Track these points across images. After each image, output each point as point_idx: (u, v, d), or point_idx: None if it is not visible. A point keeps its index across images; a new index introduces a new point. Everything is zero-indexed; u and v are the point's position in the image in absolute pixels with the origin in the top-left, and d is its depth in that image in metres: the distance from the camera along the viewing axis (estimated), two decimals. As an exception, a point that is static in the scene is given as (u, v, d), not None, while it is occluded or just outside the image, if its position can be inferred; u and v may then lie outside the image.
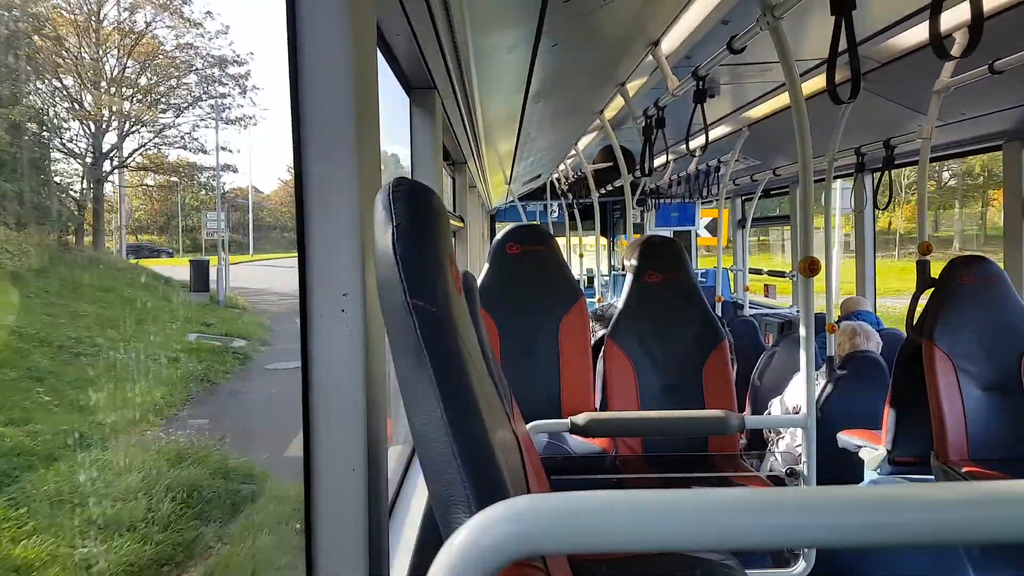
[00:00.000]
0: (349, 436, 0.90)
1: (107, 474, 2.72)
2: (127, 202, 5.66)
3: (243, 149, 11.40)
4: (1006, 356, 2.61)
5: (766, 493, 0.49)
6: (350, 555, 0.91)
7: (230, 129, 6.17)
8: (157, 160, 5.83)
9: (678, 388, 2.95)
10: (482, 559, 0.47)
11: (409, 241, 0.71)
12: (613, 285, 8.60)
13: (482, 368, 0.94)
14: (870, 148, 3.81)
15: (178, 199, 6.35)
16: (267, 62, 7.00)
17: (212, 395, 4.05)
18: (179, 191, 6.27)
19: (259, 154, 14.60)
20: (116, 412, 3.11)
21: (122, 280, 4.58)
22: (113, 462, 2.81)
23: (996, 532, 0.48)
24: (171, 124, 5.63)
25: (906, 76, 2.87)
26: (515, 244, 3.31)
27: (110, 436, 2.98)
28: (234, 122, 6.17)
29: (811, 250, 2.10)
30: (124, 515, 2.61)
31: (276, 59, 7.26)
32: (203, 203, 6.37)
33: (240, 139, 10.20)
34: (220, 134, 6.00)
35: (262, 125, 7.18)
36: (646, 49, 2.74)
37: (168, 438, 3.30)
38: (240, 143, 10.11)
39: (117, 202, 5.19)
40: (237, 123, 6.20)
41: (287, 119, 0.89)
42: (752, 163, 5.61)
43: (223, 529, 2.96)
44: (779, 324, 5.49)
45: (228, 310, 5.32)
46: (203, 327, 4.79)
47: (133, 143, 5.29)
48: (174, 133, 5.66)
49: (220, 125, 6.01)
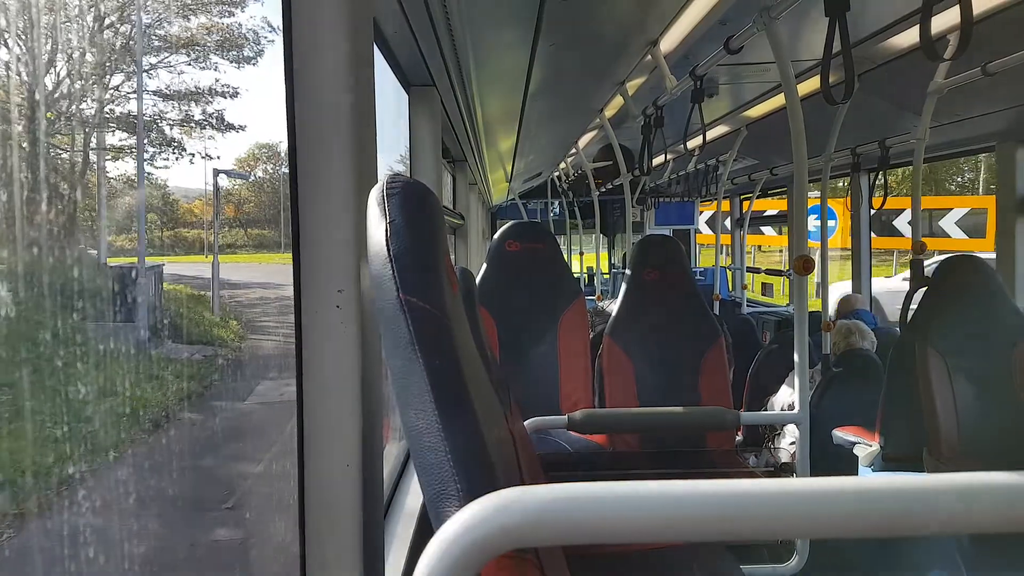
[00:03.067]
0: (344, 432, 0.90)
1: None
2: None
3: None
4: (998, 353, 2.62)
5: (759, 484, 0.49)
6: (345, 552, 0.90)
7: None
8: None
9: (675, 385, 2.96)
10: (471, 550, 0.47)
11: (402, 238, 0.72)
12: (613, 283, 8.60)
13: (477, 365, 0.95)
14: (866, 148, 3.82)
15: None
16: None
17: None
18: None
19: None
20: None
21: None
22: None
23: (986, 522, 0.49)
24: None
25: (901, 77, 2.88)
26: (514, 241, 3.32)
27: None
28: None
29: (805, 249, 2.11)
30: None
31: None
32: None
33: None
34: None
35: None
36: (645, 48, 2.75)
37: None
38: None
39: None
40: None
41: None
42: (750, 162, 5.62)
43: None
44: (776, 322, 5.51)
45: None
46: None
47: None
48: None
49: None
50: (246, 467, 4.22)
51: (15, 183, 3.21)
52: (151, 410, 3.80)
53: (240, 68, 5.79)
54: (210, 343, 5.11)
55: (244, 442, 4.58)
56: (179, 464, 3.69)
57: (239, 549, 3.59)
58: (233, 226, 8.55)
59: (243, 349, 5.44)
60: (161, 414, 3.86)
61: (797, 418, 2.19)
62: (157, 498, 3.51)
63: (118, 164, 4.90)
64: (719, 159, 5.36)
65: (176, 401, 4.08)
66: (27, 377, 3.03)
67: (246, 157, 11.35)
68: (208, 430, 4.29)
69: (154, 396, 3.96)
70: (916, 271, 2.90)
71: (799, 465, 2.21)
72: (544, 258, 3.32)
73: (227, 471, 4.20)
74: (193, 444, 4.02)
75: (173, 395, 4.09)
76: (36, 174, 3.57)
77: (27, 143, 3.58)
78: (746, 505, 0.48)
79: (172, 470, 3.65)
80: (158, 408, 3.88)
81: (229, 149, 5.84)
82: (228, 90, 5.82)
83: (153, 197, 5.64)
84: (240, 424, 4.77)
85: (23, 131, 3.60)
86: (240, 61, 5.85)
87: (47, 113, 3.90)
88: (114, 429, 3.39)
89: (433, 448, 0.67)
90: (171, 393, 4.08)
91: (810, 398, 2.21)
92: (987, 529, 0.49)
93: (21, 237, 3.20)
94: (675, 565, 1.80)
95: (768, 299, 7.17)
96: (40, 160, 3.65)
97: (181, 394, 4.15)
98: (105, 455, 3.25)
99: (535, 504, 0.48)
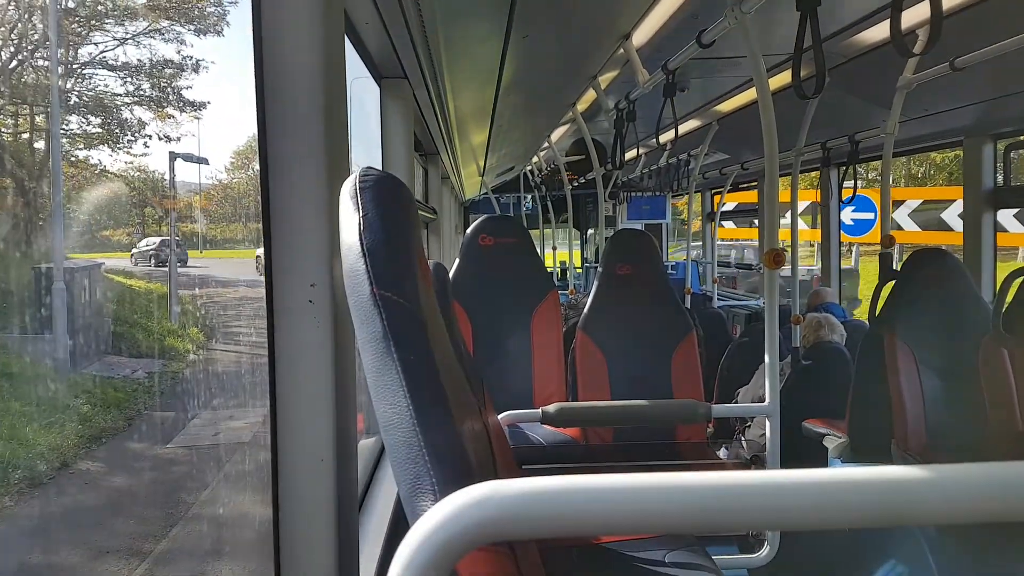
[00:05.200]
0: (317, 427, 0.90)
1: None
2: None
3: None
4: (964, 347, 2.68)
5: (730, 476, 0.49)
6: (319, 546, 0.90)
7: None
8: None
9: (647, 378, 2.99)
10: (447, 545, 0.47)
11: (375, 232, 0.71)
12: (586, 278, 8.64)
13: (451, 359, 0.94)
14: (836, 143, 3.87)
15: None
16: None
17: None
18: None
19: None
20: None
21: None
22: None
23: (952, 514, 0.50)
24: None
25: (871, 72, 2.93)
26: (487, 236, 3.31)
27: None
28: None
29: (776, 242, 2.13)
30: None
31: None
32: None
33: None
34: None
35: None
36: (617, 42, 2.75)
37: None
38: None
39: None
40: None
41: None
42: (721, 157, 5.67)
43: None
44: (746, 316, 5.58)
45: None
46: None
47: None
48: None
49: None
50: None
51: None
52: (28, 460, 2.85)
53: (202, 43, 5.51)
54: (159, 357, 4.23)
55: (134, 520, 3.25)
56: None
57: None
58: (222, 220, 8.27)
59: (196, 364, 4.56)
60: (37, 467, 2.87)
61: (767, 410, 2.22)
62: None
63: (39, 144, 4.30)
64: (691, 154, 5.40)
65: (72, 445, 3.12)
66: None
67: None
68: (96, 491, 3.18)
69: (41, 438, 3.00)
70: (884, 264, 2.96)
71: (769, 457, 2.24)
72: (517, 252, 3.32)
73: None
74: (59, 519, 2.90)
75: (71, 436, 3.13)
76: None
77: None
78: (717, 497, 0.49)
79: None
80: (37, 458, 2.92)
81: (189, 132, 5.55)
82: (187, 69, 5.55)
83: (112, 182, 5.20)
84: (145, 486, 3.52)
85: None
86: (203, 32, 5.57)
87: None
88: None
89: (407, 443, 0.66)
90: (68, 433, 3.13)
91: (780, 391, 2.24)
92: (953, 520, 0.50)
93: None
94: (647, 556, 1.81)
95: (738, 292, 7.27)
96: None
97: (83, 433, 3.20)
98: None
99: (510, 498, 0.48)
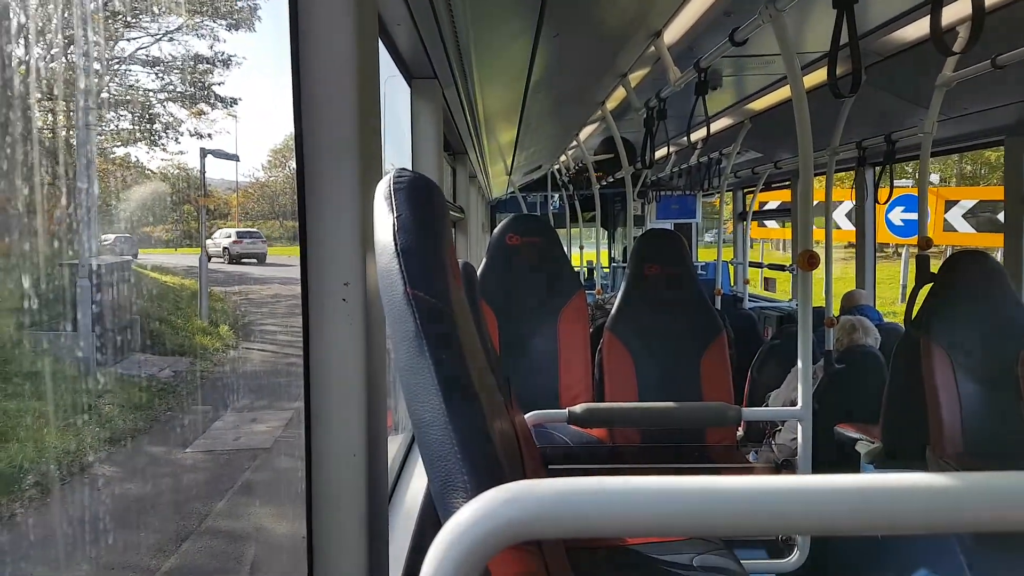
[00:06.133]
0: (349, 423, 0.91)
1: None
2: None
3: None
4: (1003, 352, 2.61)
5: (760, 480, 0.49)
6: (350, 538, 0.92)
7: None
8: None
9: (676, 380, 2.96)
10: (478, 543, 0.47)
11: (409, 233, 0.72)
12: (613, 277, 8.60)
13: (481, 358, 0.95)
14: (871, 142, 3.80)
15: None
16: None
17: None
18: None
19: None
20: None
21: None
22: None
23: (988, 522, 0.49)
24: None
25: (908, 70, 2.87)
26: (515, 235, 3.32)
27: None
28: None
29: (810, 244, 2.10)
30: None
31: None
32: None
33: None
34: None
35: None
36: (648, 40, 2.73)
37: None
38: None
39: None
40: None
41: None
42: (754, 155, 5.60)
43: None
44: (778, 318, 5.51)
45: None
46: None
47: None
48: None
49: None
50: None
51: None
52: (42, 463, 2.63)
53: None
54: (187, 354, 4.05)
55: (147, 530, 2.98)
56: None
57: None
58: (260, 217, 8.21)
59: (226, 363, 4.34)
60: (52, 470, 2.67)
61: (799, 414, 2.19)
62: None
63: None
64: (722, 152, 5.34)
65: (92, 445, 2.92)
66: None
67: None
68: (112, 496, 2.98)
69: (59, 441, 2.80)
70: (922, 267, 2.90)
71: (801, 461, 2.21)
72: (544, 252, 3.31)
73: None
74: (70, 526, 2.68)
75: (90, 438, 2.94)
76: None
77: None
78: (747, 500, 0.48)
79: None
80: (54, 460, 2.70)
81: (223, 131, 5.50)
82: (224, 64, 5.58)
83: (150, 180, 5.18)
84: (161, 492, 3.29)
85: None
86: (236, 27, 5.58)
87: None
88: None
89: (440, 441, 0.67)
90: (86, 435, 2.93)
91: (812, 394, 2.20)
92: (989, 529, 0.49)
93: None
94: (675, 559, 1.80)
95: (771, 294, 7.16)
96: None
97: (104, 435, 3.02)
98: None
99: (542, 498, 0.48)
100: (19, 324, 3.14)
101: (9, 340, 3.12)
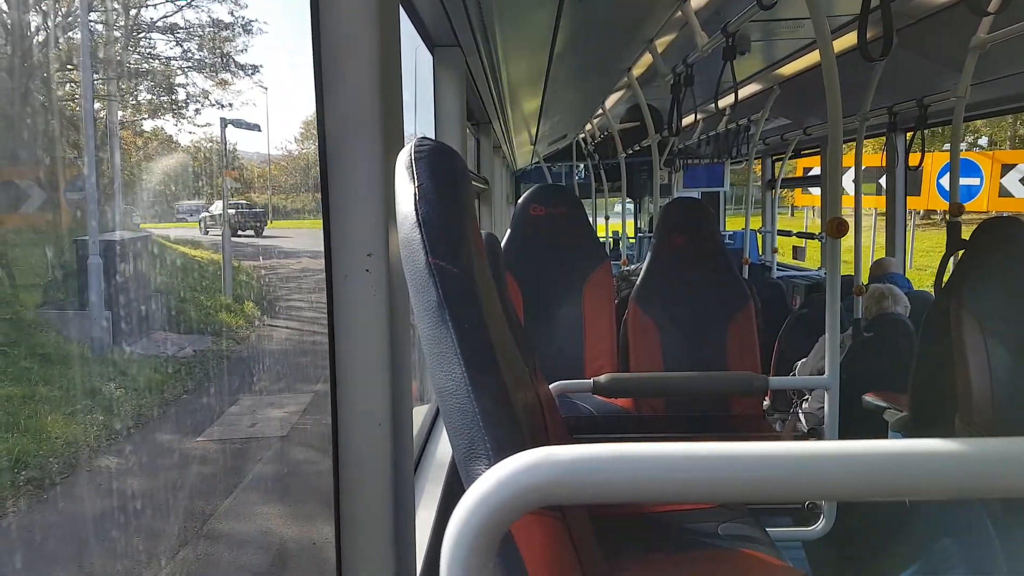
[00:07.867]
0: (375, 393, 0.93)
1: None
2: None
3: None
4: None
5: (785, 446, 0.49)
6: (376, 505, 0.94)
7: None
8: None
9: (702, 350, 2.95)
10: (501, 508, 0.48)
11: (431, 202, 0.72)
12: (639, 248, 8.54)
13: (504, 328, 0.95)
14: (903, 107, 3.70)
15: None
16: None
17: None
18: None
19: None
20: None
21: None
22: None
23: (1016, 487, 0.48)
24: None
25: (941, 33, 2.78)
26: (539, 206, 3.30)
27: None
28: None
29: (839, 211, 2.07)
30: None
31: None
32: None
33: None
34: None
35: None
36: (675, 4, 2.68)
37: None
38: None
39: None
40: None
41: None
42: (783, 122, 5.49)
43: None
44: (806, 287, 5.44)
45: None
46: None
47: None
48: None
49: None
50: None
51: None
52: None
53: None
54: (211, 333, 3.85)
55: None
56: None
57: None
58: (291, 191, 8.19)
59: (249, 341, 4.10)
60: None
61: (827, 383, 2.17)
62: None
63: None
64: (750, 119, 5.24)
65: (95, 436, 2.70)
66: None
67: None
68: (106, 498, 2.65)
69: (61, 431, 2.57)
70: (952, 233, 2.83)
71: (828, 430, 2.20)
72: (569, 222, 3.29)
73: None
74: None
75: (92, 428, 2.70)
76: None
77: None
78: (772, 466, 0.48)
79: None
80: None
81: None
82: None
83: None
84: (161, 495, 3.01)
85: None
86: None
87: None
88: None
89: (462, 409, 0.68)
90: (87, 426, 2.69)
91: (840, 363, 2.18)
92: (1018, 495, 0.48)
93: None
94: (699, 527, 1.81)
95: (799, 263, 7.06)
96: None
97: (108, 424, 2.79)
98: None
99: (564, 463, 0.48)
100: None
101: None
